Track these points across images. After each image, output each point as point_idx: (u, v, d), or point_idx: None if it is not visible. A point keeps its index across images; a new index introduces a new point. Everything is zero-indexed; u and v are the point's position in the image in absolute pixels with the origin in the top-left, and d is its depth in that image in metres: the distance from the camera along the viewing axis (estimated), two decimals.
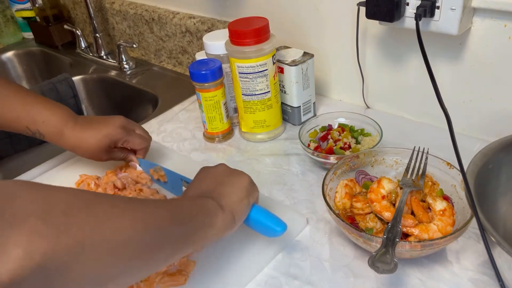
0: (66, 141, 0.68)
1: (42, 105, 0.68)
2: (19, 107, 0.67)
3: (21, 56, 1.45)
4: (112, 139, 0.70)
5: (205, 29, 1.04)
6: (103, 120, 0.71)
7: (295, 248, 0.60)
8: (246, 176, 0.57)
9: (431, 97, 0.56)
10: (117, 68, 1.21)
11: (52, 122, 0.68)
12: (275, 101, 0.80)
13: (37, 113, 0.67)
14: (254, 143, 0.83)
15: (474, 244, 0.57)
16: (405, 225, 0.55)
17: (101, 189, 0.70)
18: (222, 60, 0.81)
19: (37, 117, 0.67)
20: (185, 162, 0.78)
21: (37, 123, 0.67)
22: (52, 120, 0.68)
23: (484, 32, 0.67)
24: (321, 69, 0.91)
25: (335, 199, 0.62)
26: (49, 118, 0.67)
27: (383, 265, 0.48)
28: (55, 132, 0.68)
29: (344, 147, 0.73)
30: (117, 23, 1.28)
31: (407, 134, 0.78)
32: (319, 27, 0.87)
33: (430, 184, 0.61)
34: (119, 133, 0.70)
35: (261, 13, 0.85)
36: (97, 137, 0.69)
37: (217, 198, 0.52)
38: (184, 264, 0.57)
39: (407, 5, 0.67)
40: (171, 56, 1.19)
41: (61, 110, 0.69)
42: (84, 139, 0.69)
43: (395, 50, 0.79)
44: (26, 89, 0.71)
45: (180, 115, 0.95)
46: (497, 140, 0.56)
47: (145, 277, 0.49)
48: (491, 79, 0.70)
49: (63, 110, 0.69)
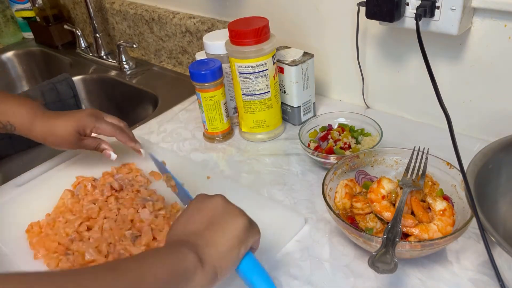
0: (37, 130, 0.70)
1: (11, 98, 0.71)
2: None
3: (21, 56, 1.45)
4: (80, 124, 0.71)
5: (205, 29, 1.04)
6: (72, 111, 0.73)
7: (295, 248, 0.60)
8: (242, 219, 0.48)
9: (431, 97, 0.56)
10: (117, 68, 1.21)
11: (22, 112, 0.70)
12: (275, 101, 0.80)
13: (6, 105, 0.70)
14: (254, 143, 0.83)
15: (474, 244, 0.57)
16: (405, 225, 0.55)
17: (98, 190, 0.70)
18: (222, 60, 0.81)
19: (7, 109, 0.69)
20: (185, 162, 0.78)
21: (7, 115, 0.69)
22: (21, 111, 0.70)
23: (484, 32, 0.67)
24: (321, 69, 0.91)
25: (335, 199, 0.62)
26: (18, 109, 0.70)
27: (383, 265, 0.48)
28: (25, 122, 0.69)
29: (344, 147, 0.73)
30: (117, 23, 1.28)
31: (407, 134, 0.78)
32: (319, 27, 0.87)
33: (430, 184, 0.61)
34: (88, 120, 0.72)
35: (261, 13, 0.85)
36: (66, 124, 0.70)
37: (202, 247, 0.45)
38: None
39: (407, 5, 0.67)
40: (171, 56, 1.19)
41: (29, 102, 0.71)
42: (53, 127, 0.70)
43: (395, 50, 0.79)
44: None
45: (180, 115, 0.95)
46: (497, 140, 0.56)
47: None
48: (491, 79, 0.70)
49: (31, 103, 0.72)
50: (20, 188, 0.76)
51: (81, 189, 0.71)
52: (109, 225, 0.63)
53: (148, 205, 0.65)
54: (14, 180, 0.78)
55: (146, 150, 0.77)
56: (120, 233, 0.61)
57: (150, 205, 0.65)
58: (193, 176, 0.73)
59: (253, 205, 0.65)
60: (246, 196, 0.68)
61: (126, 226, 0.62)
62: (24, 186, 0.76)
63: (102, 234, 0.62)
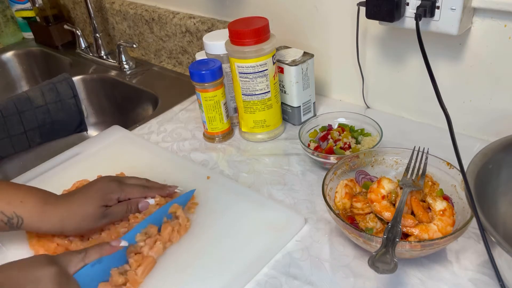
0: (50, 216, 0.58)
1: (16, 187, 0.59)
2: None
3: (21, 56, 1.45)
4: (105, 193, 0.61)
5: (205, 29, 1.04)
6: (85, 186, 0.63)
7: (295, 248, 0.60)
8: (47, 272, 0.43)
9: (431, 97, 0.56)
10: (117, 68, 1.21)
11: (31, 201, 0.57)
12: (275, 101, 0.80)
13: (12, 194, 0.57)
14: (254, 143, 0.83)
15: (474, 244, 0.57)
16: (405, 225, 0.55)
17: None
18: (222, 60, 0.81)
19: (12, 199, 0.57)
20: (185, 162, 0.78)
21: (12, 205, 0.57)
22: (30, 199, 0.58)
23: (484, 32, 0.67)
24: (321, 69, 0.91)
25: (335, 199, 0.62)
26: (26, 197, 0.57)
27: (383, 265, 0.48)
28: (35, 211, 0.57)
29: (344, 147, 0.73)
30: (117, 23, 1.28)
31: (407, 134, 0.78)
32: (319, 27, 0.87)
33: (430, 184, 0.61)
34: (113, 186, 0.62)
35: (261, 13, 0.85)
36: (88, 198, 0.59)
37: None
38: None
39: (407, 5, 0.67)
40: (171, 56, 1.19)
41: (38, 190, 0.60)
42: (72, 207, 0.59)
43: (395, 50, 0.79)
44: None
45: (180, 115, 0.95)
46: (497, 140, 0.56)
47: None
48: (491, 79, 0.70)
49: (40, 190, 0.60)
50: None
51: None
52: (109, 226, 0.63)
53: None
54: (14, 180, 0.78)
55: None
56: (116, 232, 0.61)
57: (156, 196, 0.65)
58: (193, 176, 0.73)
59: (253, 205, 0.66)
60: (246, 196, 0.68)
61: (123, 225, 0.63)
62: None
63: (101, 234, 0.62)
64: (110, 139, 0.87)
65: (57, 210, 0.58)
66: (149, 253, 0.58)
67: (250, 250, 0.59)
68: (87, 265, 0.52)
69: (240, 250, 0.59)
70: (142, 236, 0.59)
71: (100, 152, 0.83)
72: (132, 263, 0.56)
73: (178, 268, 0.58)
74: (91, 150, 0.84)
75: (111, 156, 0.82)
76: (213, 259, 0.58)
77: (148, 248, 0.58)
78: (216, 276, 0.56)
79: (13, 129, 1.03)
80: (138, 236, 0.59)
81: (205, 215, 0.65)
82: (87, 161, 0.81)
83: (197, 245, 0.61)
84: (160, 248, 0.59)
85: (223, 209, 0.66)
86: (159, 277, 0.57)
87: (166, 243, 0.60)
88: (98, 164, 0.80)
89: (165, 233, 0.60)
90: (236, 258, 0.58)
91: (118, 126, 0.91)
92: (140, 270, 0.56)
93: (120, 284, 0.55)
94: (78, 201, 0.59)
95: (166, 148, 0.84)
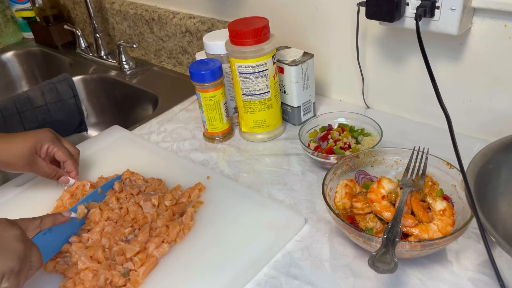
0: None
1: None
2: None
3: (21, 56, 1.45)
4: (39, 139, 0.67)
5: (205, 29, 1.04)
6: (29, 131, 0.69)
7: (295, 248, 0.60)
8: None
9: (431, 97, 0.56)
10: (117, 68, 1.21)
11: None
12: (275, 101, 0.80)
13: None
14: (254, 143, 0.83)
15: (474, 244, 0.57)
16: (405, 225, 0.55)
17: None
18: (222, 60, 0.81)
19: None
20: (185, 162, 0.78)
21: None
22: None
23: (484, 32, 0.67)
24: (321, 69, 0.91)
25: (335, 199, 0.62)
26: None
27: (383, 265, 0.48)
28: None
29: (344, 147, 0.73)
30: (117, 23, 1.28)
31: (407, 134, 0.78)
32: (319, 27, 0.87)
33: (430, 184, 0.61)
34: (47, 136, 0.68)
35: (261, 13, 0.85)
36: (23, 139, 0.65)
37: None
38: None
39: (407, 5, 0.67)
40: (171, 56, 1.19)
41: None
42: (8, 143, 0.65)
43: (395, 50, 0.79)
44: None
45: (180, 115, 0.95)
46: (497, 140, 0.56)
47: None
48: (491, 79, 0.70)
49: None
50: (20, 188, 0.76)
51: (79, 190, 0.71)
52: (110, 227, 0.63)
53: (155, 198, 0.65)
54: (14, 180, 0.78)
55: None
56: (120, 232, 0.61)
57: (156, 198, 0.65)
58: (193, 176, 0.73)
59: (253, 205, 0.66)
60: (246, 196, 0.68)
61: (127, 224, 0.63)
62: (24, 186, 0.76)
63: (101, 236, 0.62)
64: (110, 139, 0.87)
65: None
66: (154, 252, 0.58)
67: (250, 250, 0.59)
68: (40, 233, 0.55)
69: (240, 250, 0.59)
70: (82, 208, 0.64)
71: (100, 152, 0.83)
72: (136, 261, 0.56)
73: (178, 268, 0.58)
74: (91, 150, 0.84)
75: (111, 156, 0.82)
76: (213, 259, 0.58)
77: (154, 246, 0.59)
78: (216, 276, 0.56)
79: (13, 129, 1.02)
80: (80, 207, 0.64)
81: (205, 215, 0.66)
82: (87, 161, 0.80)
83: (197, 245, 0.61)
84: (166, 249, 0.59)
85: (223, 209, 0.66)
86: (159, 277, 0.57)
87: (171, 243, 0.60)
88: (98, 164, 0.80)
89: (173, 233, 0.61)
90: (236, 258, 0.58)
91: (118, 126, 0.91)
92: (141, 270, 0.56)
93: (120, 285, 0.55)
94: (13, 139, 0.66)
95: (166, 148, 0.84)
